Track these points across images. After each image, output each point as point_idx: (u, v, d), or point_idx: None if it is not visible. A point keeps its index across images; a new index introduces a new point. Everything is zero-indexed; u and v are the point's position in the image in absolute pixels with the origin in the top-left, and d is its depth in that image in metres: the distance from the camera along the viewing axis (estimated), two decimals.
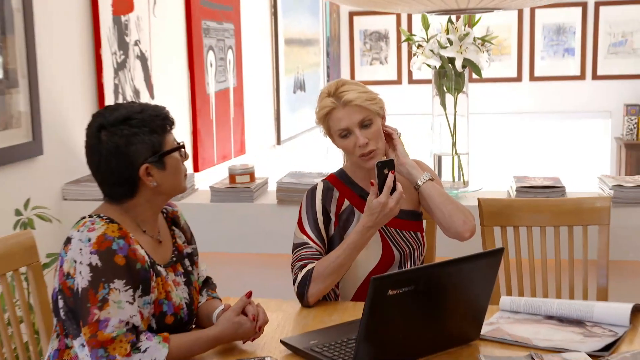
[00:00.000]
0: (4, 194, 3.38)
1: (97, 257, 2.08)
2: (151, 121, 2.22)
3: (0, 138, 3.38)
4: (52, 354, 2.23)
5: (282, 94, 6.82)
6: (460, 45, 3.66)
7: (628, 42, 8.35)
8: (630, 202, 3.45)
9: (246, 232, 3.72)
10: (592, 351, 2.14)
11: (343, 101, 2.60)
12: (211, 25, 5.41)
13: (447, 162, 3.96)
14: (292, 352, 2.19)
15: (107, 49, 4.15)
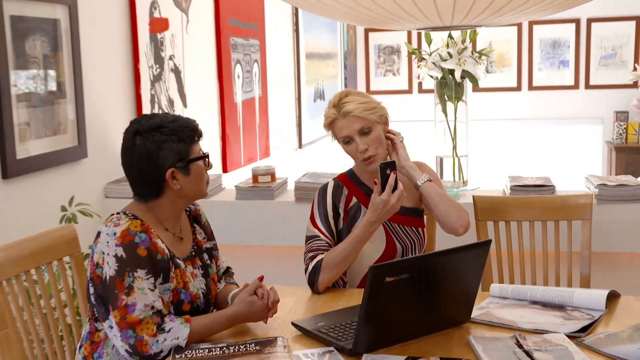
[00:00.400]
0: (53, 192, 3.42)
1: (122, 249, 2.11)
2: (181, 131, 2.24)
3: (50, 143, 3.42)
4: (85, 336, 2.26)
5: (303, 103, 6.82)
6: (459, 58, 3.66)
7: (617, 55, 8.33)
8: (612, 199, 3.45)
9: (266, 227, 3.74)
10: (570, 332, 2.14)
11: (343, 112, 2.60)
12: (238, 41, 5.43)
13: (448, 164, 3.97)
14: (301, 333, 2.20)
15: (144, 63, 4.18)
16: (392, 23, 2.26)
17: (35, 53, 3.32)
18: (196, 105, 4.80)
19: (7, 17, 3.13)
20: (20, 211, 3.21)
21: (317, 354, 2.03)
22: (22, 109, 3.23)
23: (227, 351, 2.04)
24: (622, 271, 3.49)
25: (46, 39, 3.40)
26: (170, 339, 2.07)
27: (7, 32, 3.13)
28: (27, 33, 3.27)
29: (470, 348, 2.06)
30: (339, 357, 1.99)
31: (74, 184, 3.58)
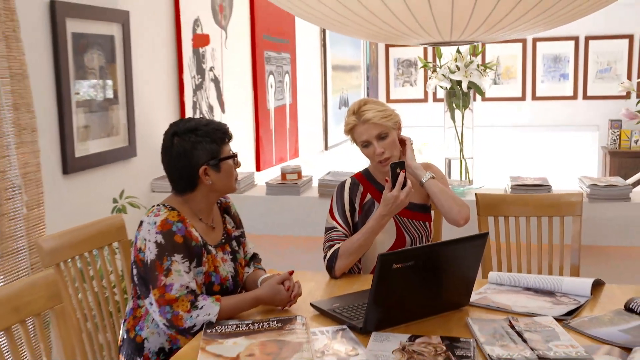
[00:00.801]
0: (106, 186, 3.47)
1: (161, 237, 2.15)
2: (213, 133, 2.27)
3: (105, 143, 3.48)
4: (129, 311, 2.31)
5: (329, 110, 6.83)
6: (466, 70, 3.66)
7: (612, 69, 8.31)
8: (602, 198, 3.43)
9: (293, 219, 3.75)
10: (557, 315, 2.15)
11: (362, 119, 2.61)
12: (272, 54, 5.46)
13: (456, 165, 3.96)
14: (318, 313, 2.23)
15: (187, 74, 4.22)
16: (399, 39, 2.28)
17: (92, 65, 3.38)
18: (233, 111, 4.84)
19: (69, 34, 3.18)
20: (78, 203, 3.26)
21: (331, 331, 2.05)
22: (80, 114, 3.29)
23: (252, 327, 2.07)
24: (608, 262, 3.47)
25: (102, 52, 3.45)
26: (202, 315, 2.10)
27: (69, 47, 3.18)
28: (86, 48, 3.32)
29: (468, 328, 2.07)
30: (350, 334, 2.01)
31: (124, 180, 3.63)
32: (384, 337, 2.00)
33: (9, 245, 2.75)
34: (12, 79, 2.76)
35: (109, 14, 3.48)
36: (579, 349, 1.89)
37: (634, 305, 2.19)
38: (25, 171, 2.80)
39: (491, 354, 1.86)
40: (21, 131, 2.79)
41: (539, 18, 1.94)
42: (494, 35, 2.12)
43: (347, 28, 2.28)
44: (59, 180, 3.16)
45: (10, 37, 2.75)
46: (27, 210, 2.80)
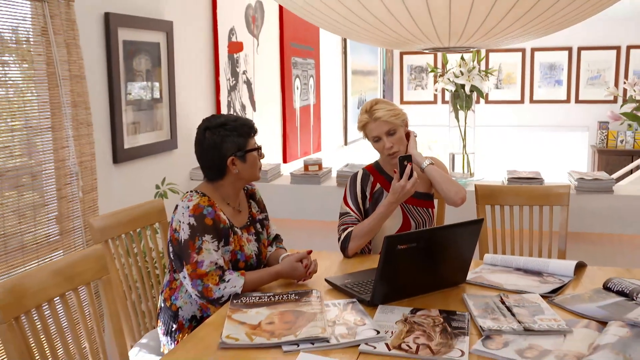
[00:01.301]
0: (150, 174, 3.50)
1: (194, 219, 2.16)
2: (240, 128, 2.27)
3: (150, 136, 3.50)
4: (165, 283, 2.33)
5: (349, 109, 6.81)
6: (469, 75, 3.63)
7: (602, 77, 8.27)
8: (588, 190, 3.39)
9: (313, 205, 3.76)
10: (543, 293, 2.13)
11: (374, 117, 2.60)
12: (298, 60, 5.46)
13: (459, 159, 3.94)
14: (332, 287, 2.23)
15: (223, 76, 4.24)
16: (404, 44, 2.27)
17: (140, 68, 3.40)
18: (263, 109, 4.85)
19: (120, 41, 3.21)
20: (126, 188, 3.30)
21: (342, 303, 2.05)
22: (129, 111, 3.32)
23: (273, 299, 2.07)
24: (592, 247, 3.44)
25: (149, 57, 3.47)
26: (229, 287, 2.12)
27: (120, 53, 3.21)
28: (135, 53, 3.34)
29: (464, 303, 2.06)
30: (359, 307, 2.01)
31: (166, 169, 3.65)
32: (388, 309, 2.00)
33: (67, 224, 2.79)
34: (72, 80, 2.79)
35: (155, 24, 3.50)
36: (561, 323, 1.87)
37: (611, 285, 2.17)
38: (81, 160, 2.83)
39: (483, 326, 1.85)
40: (79, 125, 2.82)
41: (530, 26, 1.92)
42: (489, 41, 2.11)
43: (357, 34, 2.27)
44: (110, 169, 3.20)
45: (70, 44, 2.78)
46: (83, 194, 2.84)
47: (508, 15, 1.76)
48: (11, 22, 2.56)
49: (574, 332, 1.83)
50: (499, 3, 1.69)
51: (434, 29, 1.91)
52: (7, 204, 2.52)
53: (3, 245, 2.49)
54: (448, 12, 1.77)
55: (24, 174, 2.60)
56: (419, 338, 1.79)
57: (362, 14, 1.96)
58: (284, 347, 1.74)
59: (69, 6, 2.80)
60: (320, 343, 1.75)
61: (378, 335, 1.78)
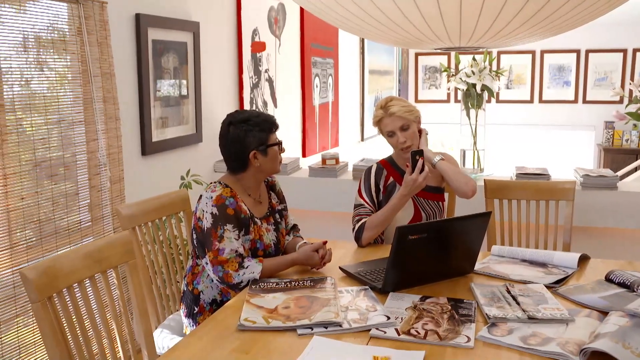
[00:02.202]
0: (177, 166, 3.52)
1: (216, 209, 2.16)
2: (262, 124, 2.27)
3: (177, 130, 3.52)
4: (188, 269, 2.34)
5: (366, 107, 6.80)
6: (480, 75, 3.60)
7: (608, 78, 8.18)
8: (593, 186, 3.35)
9: (330, 197, 3.75)
10: (548, 283, 2.11)
11: (389, 113, 2.59)
12: (318, 59, 5.45)
13: (470, 155, 3.91)
14: (345, 275, 2.23)
15: (246, 74, 4.24)
16: (415, 44, 2.25)
17: (168, 66, 3.41)
18: (284, 106, 4.85)
19: (150, 40, 3.22)
20: (153, 178, 3.32)
21: (355, 290, 2.04)
22: (157, 107, 3.33)
23: (289, 285, 2.07)
24: (595, 241, 3.40)
25: (176, 56, 3.48)
26: (248, 273, 2.12)
27: (149, 52, 3.22)
28: (163, 52, 3.36)
29: (471, 292, 2.05)
30: (371, 294, 2.00)
31: (191, 161, 3.67)
32: (399, 297, 1.99)
33: (97, 212, 2.82)
34: (103, 77, 2.81)
35: (182, 24, 3.51)
36: (564, 312, 1.85)
37: (613, 277, 2.15)
38: (109, 152, 2.85)
39: (489, 313, 1.83)
40: (108, 120, 2.84)
41: (538, 27, 1.89)
42: (498, 42, 2.08)
43: (372, 34, 2.26)
44: (138, 160, 3.22)
45: (102, 43, 2.80)
46: (110, 184, 2.86)
47: (516, 17, 1.74)
48: (48, 22, 2.59)
49: (575, 320, 1.81)
50: (507, 5, 1.67)
51: (445, 29, 1.89)
52: (43, 193, 2.55)
53: (38, 231, 2.52)
54: (459, 14, 1.75)
55: (58, 164, 2.63)
56: (427, 324, 1.78)
57: (376, 15, 1.95)
58: (299, 331, 1.74)
59: (102, 7, 2.82)
60: (333, 327, 1.75)
61: (388, 321, 1.78)
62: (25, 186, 2.46)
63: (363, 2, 1.96)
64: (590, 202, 3.31)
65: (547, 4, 1.69)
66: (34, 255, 2.50)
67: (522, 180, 3.41)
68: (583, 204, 3.27)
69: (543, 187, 3.01)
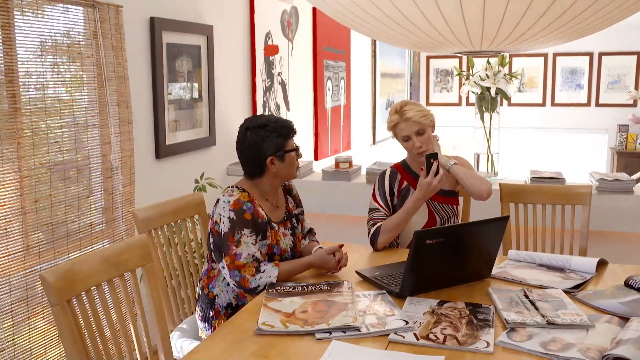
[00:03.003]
0: (191, 169, 3.53)
1: (234, 214, 2.16)
2: (280, 129, 2.26)
3: (190, 134, 3.53)
4: (204, 272, 2.33)
5: (377, 110, 6.79)
6: (494, 78, 3.59)
7: (621, 81, 8.12)
8: (609, 190, 3.33)
9: (343, 201, 3.75)
10: (566, 288, 2.09)
11: (405, 117, 2.57)
12: (330, 63, 5.45)
13: (484, 159, 3.90)
14: (362, 280, 2.22)
15: (259, 77, 4.25)
16: (437, 48, 2.24)
17: (182, 70, 3.43)
18: (296, 109, 4.85)
19: (164, 44, 3.24)
20: (167, 181, 3.33)
21: (372, 294, 2.03)
22: (171, 110, 3.34)
23: (306, 289, 2.07)
24: (612, 245, 3.37)
25: (190, 59, 3.49)
26: (265, 277, 2.12)
27: (164, 55, 3.23)
28: (177, 55, 3.37)
29: (489, 296, 2.04)
30: (388, 298, 2.00)
31: (205, 164, 3.68)
32: (417, 301, 1.98)
33: (109, 215, 2.83)
34: (117, 81, 2.82)
35: (197, 28, 3.52)
36: (583, 317, 1.84)
37: (632, 282, 2.13)
38: (121, 155, 2.86)
39: (507, 319, 1.82)
40: (121, 123, 2.85)
41: (559, 32, 1.88)
42: (519, 46, 2.07)
43: (392, 38, 2.25)
44: (152, 163, 3.22)
45: (117, 47, 2.81)
46: (122, 187, 2.87)
47: (537, 23, 1.73)
48: (64, 26, 2.60)
49: (596, 326, 1.79)
50: (530, 9, 1.66)
51: (467, 33, 1.89)
52: (56, 195, 2.56)
53: (51, 234, 2.53)
54: (482, 18, 1.74)
55: (71, 167, 2.64)
56: (446, 329, 1.77)
57: (398, 19, 1.95)
58: (317, 335, 1.74)
59: (118, 11, 2.83)
60: (351, 332, 1.75)
61: (407, 326, 1.77)
62: (40, 189, 2.48)
63: (385, 6, 1.96)
64: (605, 207, 3.28)
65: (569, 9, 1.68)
66: (46, 258, 2.51)
67: (537, 184, 3.40)
68: (598, 208, 3.25)
69: (559, 191, 2.99)
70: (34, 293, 2.44)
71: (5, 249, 2.34)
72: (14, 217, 2.38)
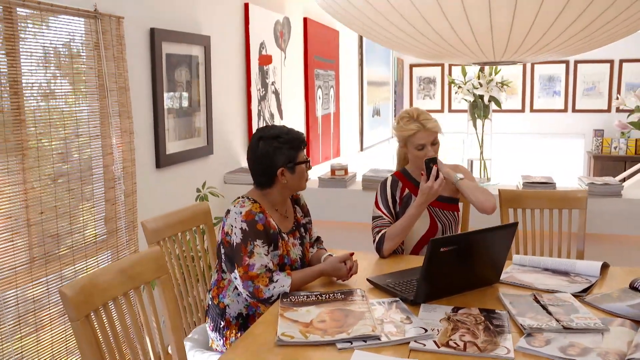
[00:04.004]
0: (189, 178, 3.47)
1: (246, 224, 2.11)
2: (292, 141, 2.22)
3: (188, 143, 3.47)
4: (213, 282, 2.28)
5: (365, 117, 6.78)
6: (487, 86, 3.58)
7: (596, 88, 8.25)
8: (599, 194, 3.35)
9: (340, 207, 3.71)
10: (575, 292, 2.08)
11: (426, 127, 2.54)
12: (320, 72, 5.42)
13: (477, 165, 3.89)
14: (373, 287, 2.18)
15: (254, 87, 4.20)
16: (455, 57, 2.22)
17: (181, 79, 3.37)
18: (289, 117, 4.81)
19: (164, 54, 3.18)
20: (168, 191, 3.26)
21: (386, 302, 2.00)
22: (170, 119, 3.28)
23: (320, 298, 2.03)
24: (605, 247, 3.38)
25: (188, 69, 3.44)
26: (278, 287, 2.07)
27: (163, 65, 3.18)
28: (176, 65, 3.31)
29: (500, 302, 2.01)
30: (403, 306, 1.96)
31: (203, 173, 3.62)
32: (431, 308, 1.95)
33: (112, 225, 2.76)
34: (118, 92, 2.76)
35: (194, 38, 3.47)
36: (597, 321, 1.82)
37: (637, 285, 2.12)
38: (123, 166, 2.80)
39: (523, 324, 1.80)
40: (122, 133, 2.79)
41: (585, 40, 1.87)
42: (540, 56, 2.06)
43: (411, 49, 2.22)
44: (152, 173, 3.16)
45: (118, 57, 2.75)
46: (125, 197, 2.80)
47: (563, 34, 1.72)
48: (67, 37, 2.53)
49: (610, 330, 1.78)
50: (558, 20, 1.64)
51: (492, 44, 1.86)
52: (61, 207, 2.49)
53: (56, 245, 2.46)
54: (509, 29, 1.71)
55: (75, 179, 2.57)
56: (465, 336, 1.74)
57: (425, 31, 1.91)
58: (338, 345, 1.69)
59: (119, 22, 2.77)
60: (372, 341, 1.71)
61: (427, 333, 1.74)
62: (45, 200, 2.40)
63: (412, 18, 1.91)
64: (596, 210, 3.30)
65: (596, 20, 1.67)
66: (52, 270, 2.44)
67: (530, 189, 3.40)
68: (590, 211, 3.26)
69: (556, 196, 2.99)
70: (41, 305, 2.37)
71: (12, 261, 2.27)
72: (20, 229, 2.31)
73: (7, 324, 2.24)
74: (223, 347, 2.22)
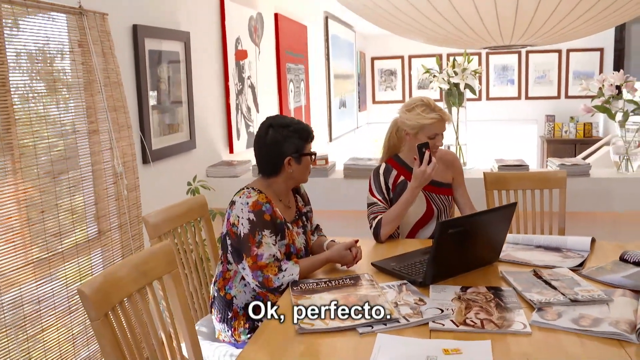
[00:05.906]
0: (174, 173, 3.36)
1: (253, 215, 2.04)
2: (302, 131, 2.15)
3: (171, 138, 3.35)
4: (218, 274, 2.20)
5: (333, 109, 6.74)
6: (462, 75, 3.58)
7: (547, 76, 8.45)
8: (570, 174, 3.38)
9: (322, 196, 3.65)
10: (571, 267, 2.08)
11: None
12: (291, 66, 5.34)
13: (454, 150, 3.89)
14: (377, 271, 2.13)
15: (232, 81, 4.10)
16: (467, 43, 2.18)
17: (163, 75, 3.25)
18: (264, 110, 4.72)
19: (147, 51, 3.05)
20: (157, 186, 3.15)
21: (396, 285, 1.95)
22: (154, 115, 3.17)
23: (329, 284, 1.97)
24: (580, 224, 3.42)
25: (170, 65, 3.32)
26: (287, 275, 2.01)
27: (147, 62, 3.05)
28: (159, 61, 3.19)
29: (503, 279, 2.00)
30: (412, 288, 1.92)
31: (187, 167, 3.51)
32: (440, 288, 1.92)
33: (115, 220, 2.64)
34: (111, 87, 2.64)
35: (175, 34, 3.35)
36: (600, 293, 1.82)
37: (627, 257, 2.14)
38: (124, 160, 2.68)
39: (532, 299, 1.78)
40: (120, 128, 2.67)
41: (599, 24, 1.85)
42: (548, 40, 2.03)
43: (422, 35, 2.17)
44: (140, 168, 3.04)
45: (107, 53, 2.63)
46: (127, 192, 2.69)
47: (573, 15, 1.69)
48: (54, 34, 2.39)
49: (614, 300, 1.78)
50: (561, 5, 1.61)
51: (499, 29, 1.82)
52: (61, 205, 2.36)
53: (59, 244, 2.33)
54: (514, 14, 1.68)
55: (73, 175, 2.44)
56: (479, 314, 1.72)
57: (436, 19, 1.86)
58: (360, 329, 1.64)
59: (104, 19, 2.64)
60: (392, 324, 1.66)
61: (443, 313, 1.70)
62: (44, 199, 2.27)
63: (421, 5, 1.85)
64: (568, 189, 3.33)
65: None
66: (56, 269, 2.31)
67: (505, 171, 3.41)
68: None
69: (538, 177, 3.01)
70: (46, 306, 2.24)
71: (15, 260, 2.14)
72: (22, 229, 2.17)
73: (15, 323, 2.11)
74: (232, 338, 2.14)
